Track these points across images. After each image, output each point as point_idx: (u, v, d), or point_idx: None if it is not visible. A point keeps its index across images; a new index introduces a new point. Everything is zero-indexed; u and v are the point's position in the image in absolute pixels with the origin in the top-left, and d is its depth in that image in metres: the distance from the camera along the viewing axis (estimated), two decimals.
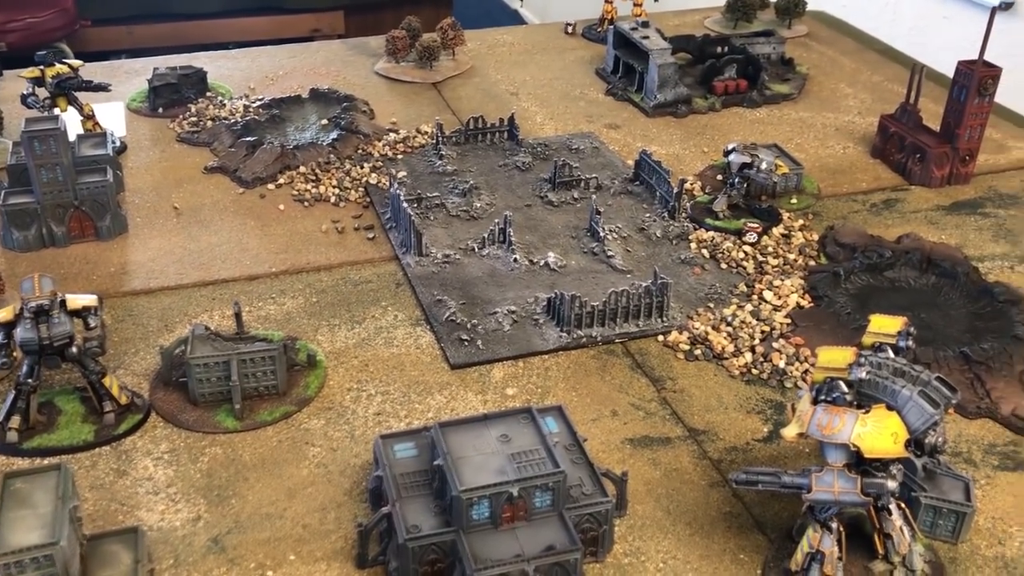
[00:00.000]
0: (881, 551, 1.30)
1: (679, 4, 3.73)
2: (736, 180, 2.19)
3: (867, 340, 1.34)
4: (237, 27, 5.55)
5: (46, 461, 1.49)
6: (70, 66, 2.45)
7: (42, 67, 2.41)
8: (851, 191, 2.44)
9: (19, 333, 1.47)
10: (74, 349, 1.51)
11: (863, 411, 1.21)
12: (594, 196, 2.28)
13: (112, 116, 2.72)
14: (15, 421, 1.53)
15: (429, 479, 1.35)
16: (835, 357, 1.25)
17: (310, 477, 1.52)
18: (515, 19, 8.58)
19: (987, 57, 2.33)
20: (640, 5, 3.36)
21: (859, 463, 1.22)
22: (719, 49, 3.09)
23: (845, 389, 1.23)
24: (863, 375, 1.22)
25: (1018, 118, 2.86)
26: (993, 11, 2.29)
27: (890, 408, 1.21)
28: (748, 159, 2.15)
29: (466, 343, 1.82)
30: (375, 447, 1.40)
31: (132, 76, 3.01)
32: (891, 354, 1.30)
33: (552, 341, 1.83)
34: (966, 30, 4.23)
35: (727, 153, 2.20)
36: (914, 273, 2.06)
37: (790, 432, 1.24)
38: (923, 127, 2.52)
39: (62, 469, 1.26)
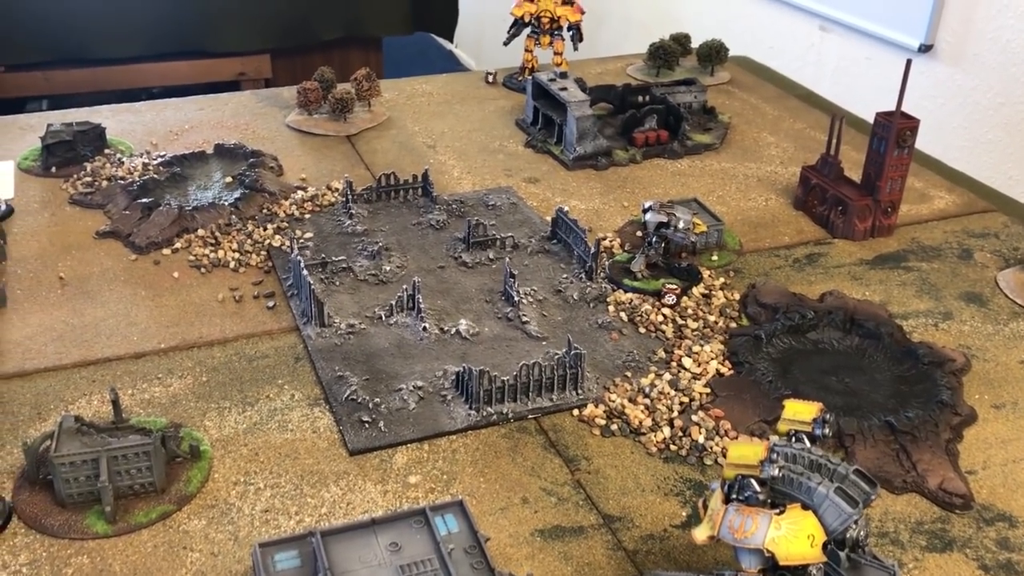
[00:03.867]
0: None
1: (601, 51, 3.68)
2: (654, 239, 2.11)
3: (782, 428, 1.25)
4: (159, 72, 5.39)
5: None
6: None
7: None
8: (773, 246, 2.38)
9: None
10: None
11: (777, 512, 1.11)
12: (508, 258, 2.18)
13: (0, 177, 2.56)
14: None
15: None
16: (746, 453, 1.15)
17: None
18: (450, 60, 8.58)
19: (907, 100, 2.30)
20: (560, 54, 3.30)
21: (776, 567, 1.12)
22: (640, 98, 3.04)
23: (758, 488, 1.13)
24: (776, 472, 1.13)
25: (940, 166, 2.84)
26: (909, 62, 2.26)
27: (806, 507, 1.11)
28: (664, 218, 2.07)
29: (367, 425, 1.69)
30: (253, 558, 1.27)
31: (26, 132, 2.84)
32: (807, 443, 1.21)
33: (460, 420, 1.71)
34: (888, 71, 4.28)
35: (644, 211, 2.12)
36: (838, 334, 2.00)
37: (701, 534, 1.14)
38: (844, 178, 2.48)
39: None
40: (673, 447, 1.67)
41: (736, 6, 5.09)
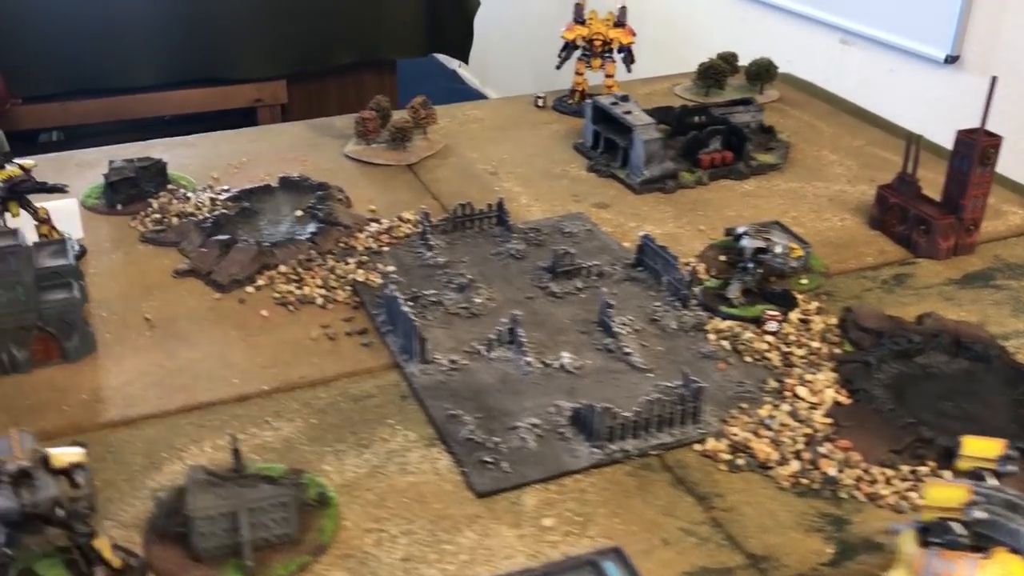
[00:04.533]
0: None
1: (647, 71, 3.66)
2: (751, 266, 2.08)
3: (963, 465, 1.22)
4: (175, 100, 5.38)
5: None
6: (22, 167, 2.26)
7: None
8: (858, 267, 2.36)
9: None
10: (61, 513, 1.31)
11: (982, 555, 1.08)
12: (604, 288, 2.15)
13: (66, 216, 2.51)
14: None
15: None
16: (948, 495, 1.12)
17: None
18: (454, 79, 8.62)
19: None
20: (612, 76, 3.28)
21: None
22: (696, 119, 3.02)
23: (961, 531, 1.10)
24: (982, 515, 1.10)
25: (1009, 182, 2.82)
26: (994, 80, 2.24)
27: (1014, 551, 1.09)
28: (762, 243, 2.05)
29: (490, 466, 1.66)
30: None
31: (84, 169, 2.81)
32: (994, 482, 1.18)
33: (584, 459, 1.68)
34: (913, 82, 4.28)
35: (737, 237, 2.10)
36: (944, 358, 1.97)
37: None
38: (923, 197, 2.46)
39: None
40: (804, 481, 1.64)
41: (752, 20, 5.08)
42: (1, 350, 1.87)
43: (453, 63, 8.45)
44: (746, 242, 2.06)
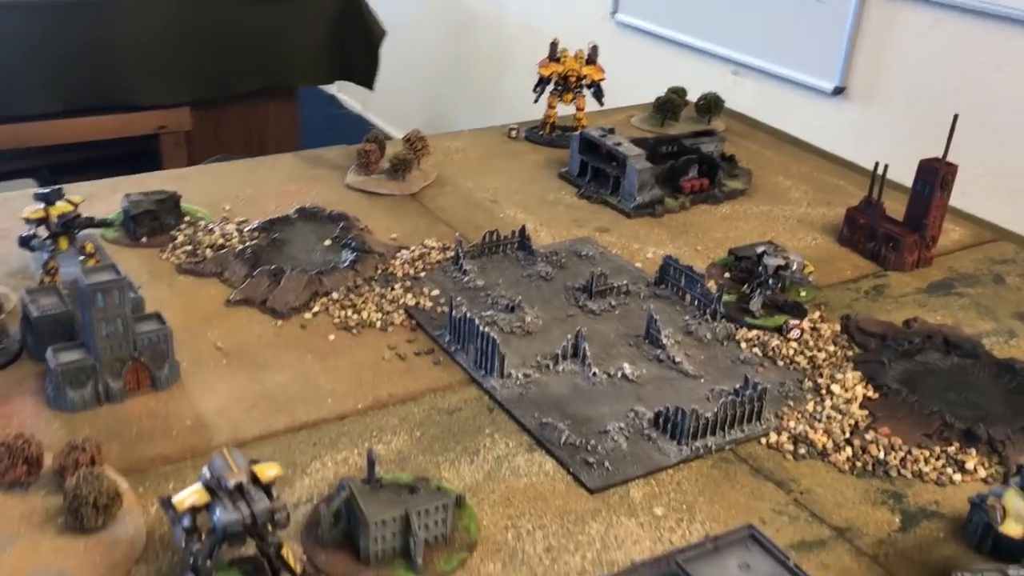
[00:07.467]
0: None
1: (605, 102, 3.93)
2: (771, 281, 2.35)
3: None
4: (81, 127, 5.33)
5: None
6: (71, 202, 2.29)
7: (46, 206, 2.24)
8: (839, 280, 2.67)
9: (219, 516, 1.37)
10: (270, 526, 1.42)
11: None
12: (652, 306, 2.37)
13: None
14: None
15: None
16: None
17: None
18: (332, 104, 8.81)
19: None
20: (582, 110, 3.53)
21: None
22: (665, 149, 3.31)
23: None
24: None
25: None
26: (955, 117, 2.61)
27: None
28: (783, 261, 2.33)
29: (594, 466, 1.85)
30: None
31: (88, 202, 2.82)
32: None
33: (673, 455, 1.89)
34: (802, 111, 4.73)
35: (759, 256, 2.37)
36: (938, 355, 2.30)
37: (1016, 531, 1.38)
38: (887, 218, 2.81)
39: None
40: (859, 464, 1.91)
41: (644, 52, 5.42)
42: (98, 381, 1.92)
43: (332, 87, 8.61)
44: (768, 260, 2.33)
